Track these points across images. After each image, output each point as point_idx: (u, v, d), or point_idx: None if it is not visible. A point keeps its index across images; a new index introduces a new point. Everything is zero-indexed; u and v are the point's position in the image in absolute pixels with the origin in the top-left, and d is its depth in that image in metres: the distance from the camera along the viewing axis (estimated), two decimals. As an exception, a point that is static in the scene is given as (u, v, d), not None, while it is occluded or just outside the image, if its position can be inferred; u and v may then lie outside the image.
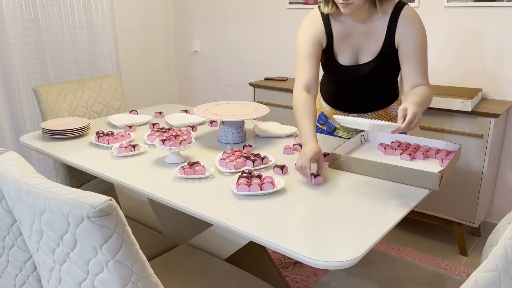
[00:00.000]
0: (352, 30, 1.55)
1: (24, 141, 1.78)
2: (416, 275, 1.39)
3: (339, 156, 1.42)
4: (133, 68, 3.60)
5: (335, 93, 1.74)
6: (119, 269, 0.86)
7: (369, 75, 1.59)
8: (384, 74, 1.60)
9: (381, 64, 1.56)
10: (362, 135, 1.68)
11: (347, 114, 1.74)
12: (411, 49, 1.49)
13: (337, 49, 1.59)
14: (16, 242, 1.13)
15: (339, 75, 1.64)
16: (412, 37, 1.48)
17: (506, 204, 2.49)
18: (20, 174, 0.96)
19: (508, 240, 0.80)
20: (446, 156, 1.50)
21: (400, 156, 1.52)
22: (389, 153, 1.55)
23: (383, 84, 1.67)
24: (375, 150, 1.61)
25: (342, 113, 1.76)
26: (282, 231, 1.06)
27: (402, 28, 1.49)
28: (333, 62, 1.61)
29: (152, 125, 1.94)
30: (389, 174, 1.33)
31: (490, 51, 2.36)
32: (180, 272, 1.40)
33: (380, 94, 1.70)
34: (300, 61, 1.59)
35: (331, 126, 1.80)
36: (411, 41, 1.48)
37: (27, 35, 2.82)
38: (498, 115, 2.08)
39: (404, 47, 1.50)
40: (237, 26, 3.40)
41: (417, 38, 1.49)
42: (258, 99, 2.94)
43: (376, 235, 1.04)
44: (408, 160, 1.50)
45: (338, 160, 1.42)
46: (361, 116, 1.72)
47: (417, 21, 1.49)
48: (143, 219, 1.80)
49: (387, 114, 1.74)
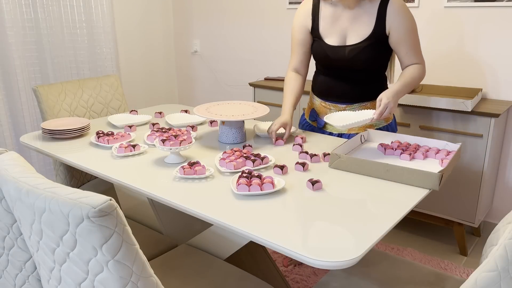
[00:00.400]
0: (341, 14, 1.68)
1: (24, 141, 1.78)
2: (416, 275, 1.39)
3: (339, 156, 1.42)
4: (133, 68, 3.60)
5: (324, 83, 1.79)
6: (119, 269, 0.86)
7: (356, 56, 1.66)
8: (371, 58, 1.66)
9: (368, 47, 1.65)
10: (362, 135, 1.68)
11: (337, 105, 1.77)
12: (403, 34, 1.63)
13: (324, 31, 1.72)
14: (16, 242, 1.13)
15: (326, 56, 1.71)
16: (403, 23, 1.61)
17: (506, 204, 2.49)
18: (20, 174, 0.96)
19: (508, 240, 0.80)
20: (446, 156, 1.50)
21: (400, 156, 1.52)
22: (389, 153, 1.55)
23: (370, 73, 1.72)
24: (375, 150, 1.61)
25: (332, 104, 1.78)
26: (282, 231, 1.06)
27: (392, 16, 1.61)
28: (320, 43, 1.73)
29: (152, 125, 1.94)
30: (389, 174, 1.34)
31: (490, 51, 2.36)
32: (180, 272, 1.40)
33: (368, 84, 1.73)
34: (291, 47, 1.84)
35: (321, 122, 1.84)
36: (402, 27, 1.62)
37: (27, 35, 2.82)
38: (498, 115, 2.08)
39: (396, 33, 1.63)
40: (237, 26, 3.40)
41: (407, 23, 1.62)
42: (258, 99, 2.94)
43: (376, 235, 1.04)
44: (408, 160, 1.50)
45: (338, 160, 1.42)
46: (349, 106, 1.75)
47: (405, 7, 1.63)
48: (143, 219, 1.80)
49: (374, 108, 1.76)
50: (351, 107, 1.76)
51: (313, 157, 1.50)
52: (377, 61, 1.69)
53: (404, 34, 1.62)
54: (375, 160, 1.36)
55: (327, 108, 1.81)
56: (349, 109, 1.75)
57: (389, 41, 1.66)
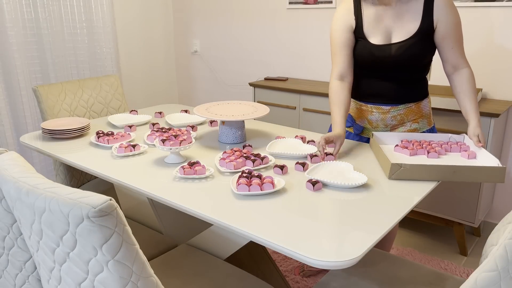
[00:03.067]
0: (384, 13, 1.61)
1: (24, 141, 1.78)
2: (416, 275, 1.39)
3: (400, 166, 1.36)
4: (133, 68, 3.60)
5: (367, 84, 1.70)
6: (119, 269, 0.86)
7: (402, 54, 1.59)
8: (417, 56, 1.60)
9: (415, 43, 1.58)
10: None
11: (380, 107, 1.68)
12: (450, 27, 1.57)
13: (368, 31, 1.63)
14: (16, 242, 1.13)
15: (371, 56, 1.62)
16: (451, 16, 1.57)
17: (506, 204, 2.49)
18: (20, 174, 0.96)
19: (508, 240, 0.80)
20: (465, 148, 1.57)
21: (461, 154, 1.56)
22: (412, 153, 1.54)
23: (415, 72, 1.65)
24: (394, 153, 1.58)
25: (375, 106, 1.69)
26: (282, 231, 1.06)
27: (440, 8, 1.56)
28: (364, 43, 1.64)
29: (152, 125, 1.94)
30: (457, 175, 1.34)
31: (490, 51, 2.36)
32: (180, 272, 1.40)
33: (412, 84, 1.66)
34: (333, 51, 1.69)
35: (359, 128, 1.75)
36: (450, 19, 1.57)
37: (28, 35, 2.82)
38: (498, 115, 2.08)
39: (443, 26, 1.58)
40: (237, 26, 3.40)
41: (455, 16, 1.58)
42: (258, 99, 2.94)
43: (376, 235, 1.04)
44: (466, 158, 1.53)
45: (400, 170, 1.36)
46: (394, 108, 1.67)
47: (452, 1, 1.59)
48: (143, 219, 1.80)
49: (419, 110, 1.69)
50: (396, 108, 1.67)
51: (313, 157, 1.50)
52: (423, 59, 1.62)
53: (451, 28, 1.58)
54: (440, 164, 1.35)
55: (368, 111, 1.70)
56: (394, 111, 1.67)
57: (435, 36, 1.60)
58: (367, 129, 1.74)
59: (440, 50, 1.62)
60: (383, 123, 1.70)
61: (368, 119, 1.71)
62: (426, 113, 1.71)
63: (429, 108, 1.72)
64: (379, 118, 1.69)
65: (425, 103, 1.70)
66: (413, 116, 1.68)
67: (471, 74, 1.62)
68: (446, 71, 1.65)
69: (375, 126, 1.72)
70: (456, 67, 1.62)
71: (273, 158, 1.51)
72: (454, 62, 1.61)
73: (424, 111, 1.70)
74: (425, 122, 1.71)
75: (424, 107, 1.70)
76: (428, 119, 1.72)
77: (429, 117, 1.73)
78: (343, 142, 1.61)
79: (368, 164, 1.49)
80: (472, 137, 1.54)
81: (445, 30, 1.58)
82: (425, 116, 1.71)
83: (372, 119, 1.70)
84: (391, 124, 1.69)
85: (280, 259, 2.29)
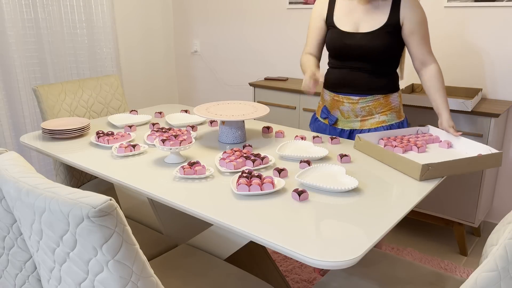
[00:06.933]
0: (356, 7, 1.77)
1: (24, 141, 1.78)
2: (416, 275, 1.39)
3: (429, 166, 1.37)
4: (133, 68, 3.60)
5: (337, 75, 1.82)
6: (119, 269, 0.86)
7: (367, 44, 1.72)
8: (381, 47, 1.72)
9: (381, 35, 1.71)
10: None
11: (349, 97, 1.79)
12: (416, 24, 1.70)
13: (338, 20, 1.79)
14: (16, 242, 1.13)
15: (339, 41, 1.77)
16: (416, 14, 1.70)
17: (506, 204, 2.49)
18: (20, 174, 0.96)
19: (508, 240, 0.80)
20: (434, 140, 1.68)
21: (440, 144, 1.65)
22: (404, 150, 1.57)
23: (383, 64, 1.76)
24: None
25: (345, 96, 1.80)
26: (282, 231, 1.06)
27: (406, 6, 1.70)
28: (333, 30, 1.80)
29: (152, 125, 1.94)
30: (472, 166, 1.42)
31: (490, 51, 2.36)
32: (180, 272, 1.40)
33: (381, 76, 1.77)
34: (307, 35, 1.92)
35: (333, 118, 1.85)
36: (415, 17, 1.70)
37: (27, 35, 2.82)
38: (498, 115, 2.08)
39: (409, 23, 1.70)
40: (237, 26, 3.40)
41: (420, 14, 1.71)
42: (258, 99, 2.94)
43: (376, 235, 1.04)
44: (446, 148, 1.62)
45: (429, 170, 1.37)
46: (362, 99, 1.77)
47: (417, 1, 1.72)
48: (143, 219, 1.80)
49: (387, 102, 1.79)
50: (364, 99, 1.77)
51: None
52: (388, 50, 1.73)
53: (417, 24, 1.70)
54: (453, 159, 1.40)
55: (340, 102, 1.81)
56: (363, 102, 1.77)
57: (403, 33, 1.73)
58: (340, 120, 1.85)
59: (409, 46, 1.75)
60: (354, 113, 1.81)
61: (340, 109, 1.83)
62: (395, 107, 1.81)
63: (399, 102, 1.83)
64: (350, 109, 1.80)
65: (394, 97, 1.81)
66: (381, 109, 1.79)
67: (439, 69, 1.74)
68: (415, 67, 1.78)
69: (347, 116, 1.82)
70: (424, 63, 1.75)
71: (273, 158, 1.51)
72: (421, 58, 1.74)
73: (392, 104, 1.80)
74: (393, 115, 1.81)
75: (393, 101, 1.80)
76: (398, 112, 1.82)
77: (399, 111, 1.83)
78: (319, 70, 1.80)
79: (367, 165, 1.49)
80: (448, 128, 1.67)
81: (411, 27, 1.71)
82: (393, 109, 1.81)
83: (344, 110, 1.82)
84: (361, 115, 1.80)
85: (280, 259, 2.29)
